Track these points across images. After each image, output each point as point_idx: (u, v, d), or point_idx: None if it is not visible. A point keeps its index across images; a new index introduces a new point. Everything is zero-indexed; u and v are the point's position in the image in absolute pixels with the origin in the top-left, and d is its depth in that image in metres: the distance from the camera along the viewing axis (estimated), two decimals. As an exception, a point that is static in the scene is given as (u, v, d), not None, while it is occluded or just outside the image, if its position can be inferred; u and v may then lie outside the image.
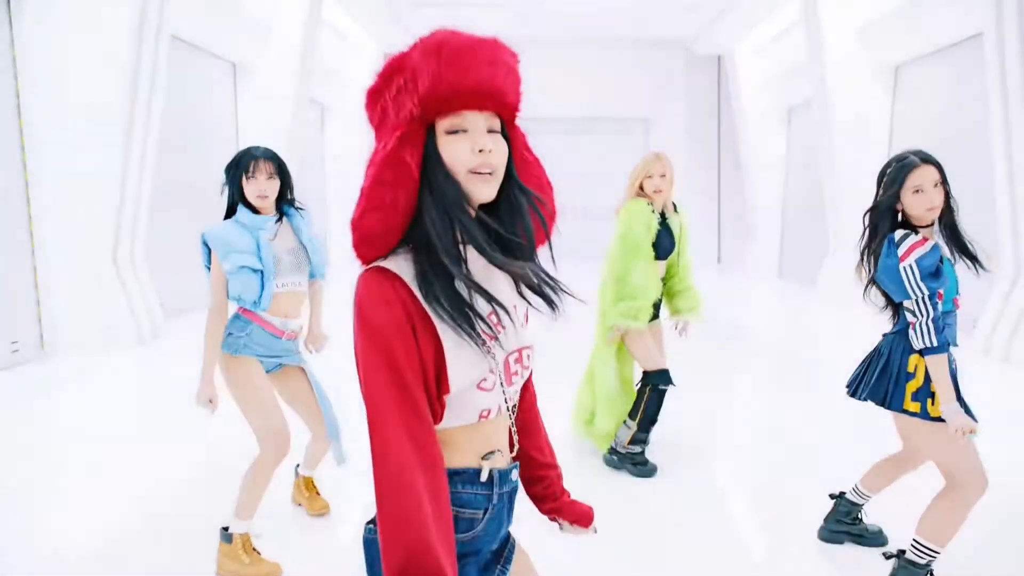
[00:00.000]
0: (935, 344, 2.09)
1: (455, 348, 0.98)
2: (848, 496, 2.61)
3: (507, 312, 1.03)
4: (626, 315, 3.19)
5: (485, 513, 1.10)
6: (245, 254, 2.36)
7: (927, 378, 2.16)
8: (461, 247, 1.00)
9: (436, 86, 0.96)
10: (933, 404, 2.15)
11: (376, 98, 1.02)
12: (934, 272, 2.11)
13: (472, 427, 1.07)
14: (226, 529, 2.42)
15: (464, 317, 0.96)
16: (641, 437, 3.28)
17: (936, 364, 2.10)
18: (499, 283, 1.07)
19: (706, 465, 3.48)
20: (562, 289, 1.08)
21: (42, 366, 5.25)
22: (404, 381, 0.94)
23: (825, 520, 2.66)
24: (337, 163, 12.57)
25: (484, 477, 1.08)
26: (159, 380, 4.89)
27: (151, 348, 5.83)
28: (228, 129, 8.67)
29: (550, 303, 1.07)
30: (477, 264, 1.05)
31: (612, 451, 3.38)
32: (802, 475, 3.32)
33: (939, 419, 2.13)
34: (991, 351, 5.63)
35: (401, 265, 0.98)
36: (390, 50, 12.73)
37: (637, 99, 14.19)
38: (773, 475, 3.35)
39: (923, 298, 2.11)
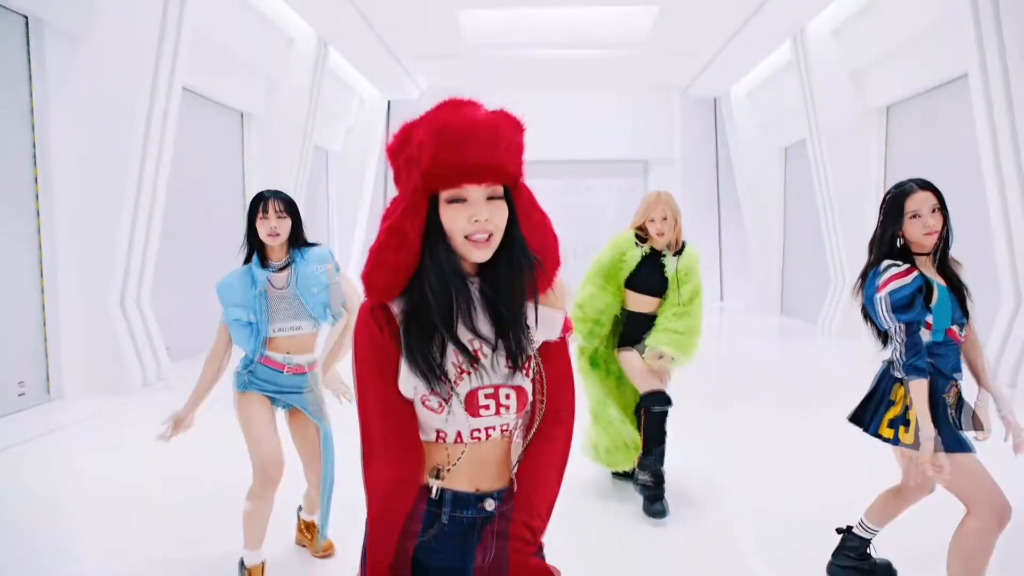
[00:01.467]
0: (908, 373, 2.11)
1: (406, 365, 1.14)
2: (855, 531, 2.58)
3: (475, 358, 1.14)
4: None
5: (428, 529, 1.18)
6: (240, 307, 2.47)
7: (906, 408, 2.19)
8: (454, 305, 1.11)
9: (436, 166, 1.06)
10: (907, 432, 2.17)
11: (393, 158, 1.14)
12: (907, 304, 2.12)
13: (431, 445, 1.18)
14: (243, 562, 2.45)
15: (429, 369, 1.11)
16: (647, 462, 3.23)
17: (914, 390, 2.11)
18: (484, 324, 1.16)
19: (712, 501, 3.45)
20: (523, 362, 1.18)
21: (48, 408, 5.27)
22: (370, 378, 1.14)
23: (833, 555, 2.61)
24: (341, 206, 12.79)
25: (434, 494, 1.17)
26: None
27: (157, 392, 5.86)
28: (235, 176, 8.86)
29: (514, 363, 1.17)
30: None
31: (632, 476, 3.40)
32: (810, 510, 3.29)
33: (912, 446, 2.15)
34: (997, 377, 5.63)
35: (396, 302, 1.15)
36: (394, 97, 13.10)
37: (636, 142, 14.49)
38: (781, 510, 3.32)
39: (896, 328, 2.15)
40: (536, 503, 1.24)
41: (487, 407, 1.16)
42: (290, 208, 2.51)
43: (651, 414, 3.23)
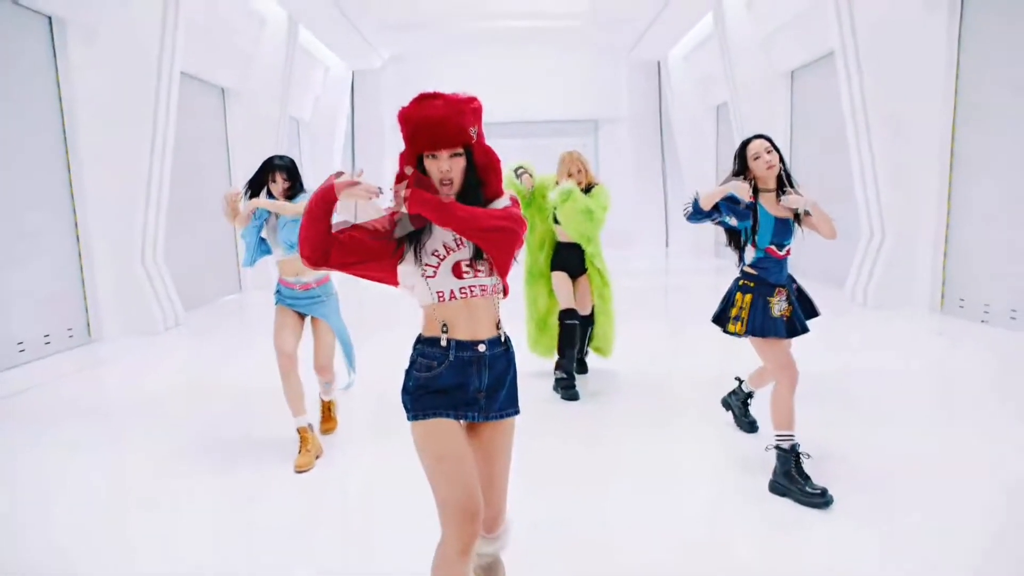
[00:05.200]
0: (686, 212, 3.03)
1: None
2: (743, 385, 3.70)
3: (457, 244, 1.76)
4: None
5: (440, 364, 1.76)
6: (248, 230, 3.50)
7: (740, 308, 3.04)
8: None
9: (411, 144, 1.72)
10: (741, 327, 3.02)
11: (400, 127, 1.76)
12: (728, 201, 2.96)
13: (437, 307, 1.75)
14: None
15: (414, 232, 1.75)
16: (562, 363, 4.41)
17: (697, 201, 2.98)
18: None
19: (627, 385, 4.82)
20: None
21: (91, 347, 6.38)
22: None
23: (728, 394, 3.75)
24: (314, 171, 13.68)
25: (443, 343, 1.76)
26: (186, 356, 6.10)
27: (175, 333, 6.99)
28: (220, 147, 9.79)
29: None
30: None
31: (556, 380, 4.49)
32: (707, 384, 4.67)
33: (744, 335, 3.02)
34: (855, 298, 7.14)
35: None
36: (357, 67, 13.93)
37: (586, 102, 15.58)
38: (687, 380, 4.70)
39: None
40: (462, 214, 1.67)
41: (467, 272, 1.75)
42: (292, 175, 3.52)
43: (564, 325, 4.43)
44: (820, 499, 2.74)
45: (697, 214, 2.99)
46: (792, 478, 2.84)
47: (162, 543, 2.73)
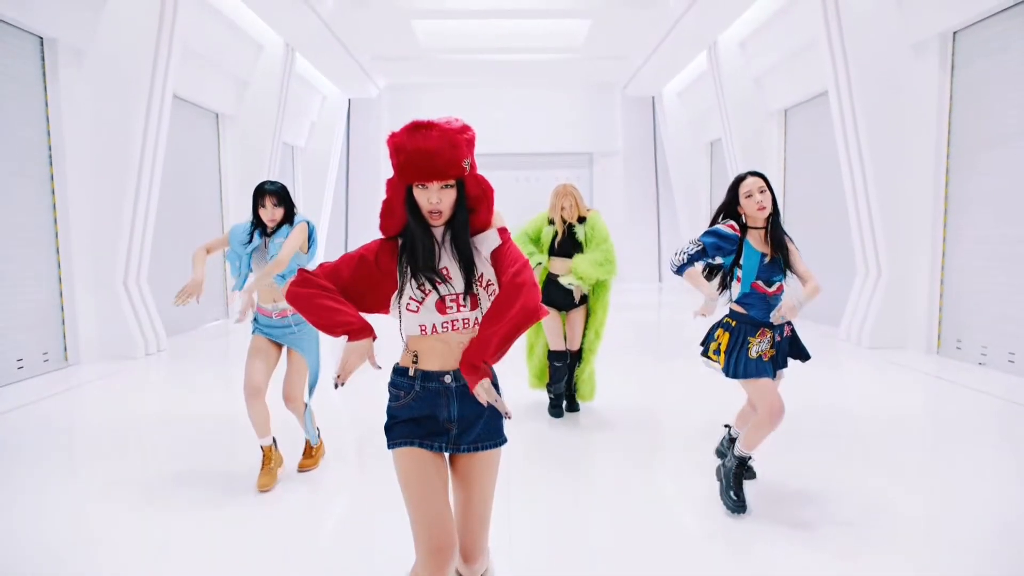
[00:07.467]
0: (674, 270, 3.03)
1: (410, 277, 1.74)
2: (731, 431, 3.51)
3: (440, 277, 1.74)
4: None
5: (407, 394, 1.78)
6: (235, 252, 3.44)
7: (719, 344, 3.07)
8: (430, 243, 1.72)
9: (402, 174, 1.69)
10: (718, 357, 3.07)
11: (390, 155, 1.73)
12: (712, 235, 2.97)
13: (417, 338, 1.76)
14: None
15: (424, 272, 1.73)
16: (550, 389, 4.63)
17: (687, 277, 3.05)
18: (449, 256, 1.76)
19: (619, 414, 4.68)
20: (475, 277, 1.76)
21: (67, 372, 6.17)
22: (357, 255, 1.77)
23: (720, 442, 3.58)
24: (307, 197, 13.63)
25: (411, 373, 1.78)
26: (164, 382, 5.91)
27: (156, 359, 6.80)
28: (212, 171, 9.71)
29: (468, 276, 1.75)
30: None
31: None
32: (704, 422, 4.53)
33: (723, 373, 3.05)
34: (850, 337, 7.04)
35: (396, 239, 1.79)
36: (354, 96, 13.98)
37: (582, 136, 15.69)
38: (684, 418, 4.56)
39: (693, 242, 2.99)
40: (487, 337, 1.65)
41: (451, 308, 1.73)
42: (283, 200, 3.45)
43: (552, 364, 4.57)
44: (734, 506, 3.01)
45: (681, 274, 3.06)
46: (728, 477, 3.10)
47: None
